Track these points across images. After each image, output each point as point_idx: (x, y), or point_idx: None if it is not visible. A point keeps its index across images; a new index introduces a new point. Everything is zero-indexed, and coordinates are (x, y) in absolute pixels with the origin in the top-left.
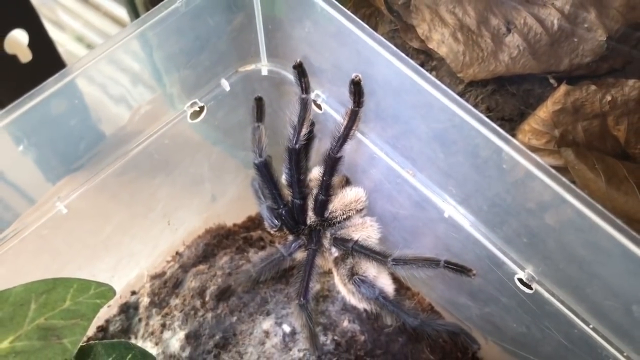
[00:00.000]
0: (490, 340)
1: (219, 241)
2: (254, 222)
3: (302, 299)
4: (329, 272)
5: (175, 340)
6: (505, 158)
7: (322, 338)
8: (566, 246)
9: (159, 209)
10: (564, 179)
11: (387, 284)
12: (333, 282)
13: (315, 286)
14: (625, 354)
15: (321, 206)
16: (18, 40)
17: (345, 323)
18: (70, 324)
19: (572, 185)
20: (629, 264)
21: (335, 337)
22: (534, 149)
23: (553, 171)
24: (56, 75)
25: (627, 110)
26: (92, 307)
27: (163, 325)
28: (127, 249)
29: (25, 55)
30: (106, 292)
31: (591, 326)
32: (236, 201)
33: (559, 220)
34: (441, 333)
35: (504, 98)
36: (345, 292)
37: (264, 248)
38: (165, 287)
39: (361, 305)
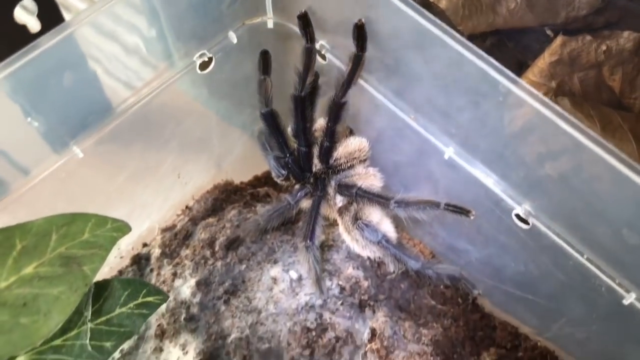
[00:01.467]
0: (490, 284)
1: (227, 196)
2: (260, 181)
3: (308, 241)
4: (334, 224)
5: (186, 287)
6: (502, 91)
7: (327, 283)
8: (560, 177)
9: (170, 161)
10: (558, 107)
11: (389, 230)
12: (338, 232)
13: (320, 236)
14: (617, 281)
15: (326, 153)
16: (27, 10)
17: (350, 270)
18: (90, 254)
19: (566, 114)
20: (619, 187)
21: (340, 283)
22: None
23: (547, 100)
24: (67, 29)
25: (621, 60)
26: (110, 239)
27: (174, 274)
28: (140, 200)
29: (34, 26)
30: (122, 227)
31: (585, 256)
32: (243, 160)
33: (553, 150)
34: (442, 277)
35: (503, 52)
36: (350, 240)
37: (271, 203)
38: (176, 239)
39: (365, 253)
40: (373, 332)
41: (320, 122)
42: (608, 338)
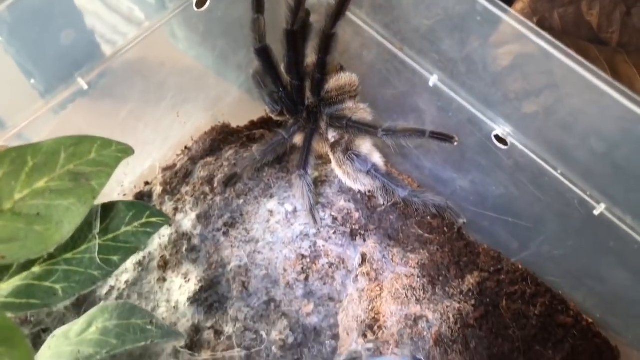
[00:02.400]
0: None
1: (224, 137)
2: (256, 125)
3: (301, 170)
4: (328, 162)
5: (187, 220)
6: (479, 9)
7: (320, 214)
8: (535, 95)
9: (169, 98)
10: (532, 24)
11: (378, 161)
12: (331, 169)
13: (314, 173)
14: (588, 193)
15: (317, 85)
16: None
17: (342, 202)
18: (97, 170)
19: (540, 30)
20: (588, 97)
21: (333, 214)
22: None
23: (523, 19)
24: None
25: None
26: (115, 159)
27: (175, 209)
28: (141, 137)
29: None
30: (127, 149)
31: (559, 171)
32: (239, 103)
33: (525, 65)
34: (429, 206)
35: None
36: (342, 174)
37: None
38: (176, 177)
39: (356, 186)
40: (363, 257)
41: (312, 58)
42: (582, 253)
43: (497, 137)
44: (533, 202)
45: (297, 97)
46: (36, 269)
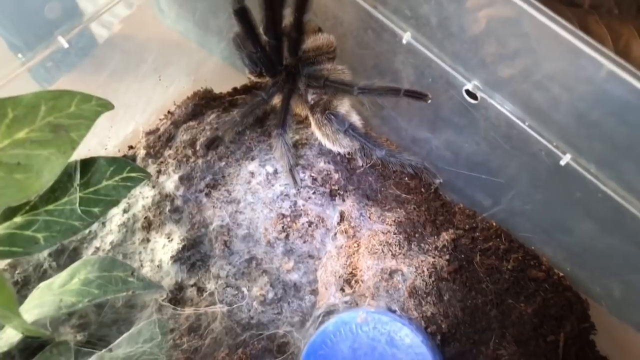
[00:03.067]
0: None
1: (207, 102)
2: (239, 92)
3: (280, 129)
4: (308, 125)
5: (170, 182)
6: None
7: (300, 175)
8: (502, 47)
9: (150, 61)
10: None
11: (356, 121)
12: (311, 132)
13: (295, 136)
14: (554, 144)
15: (295, 45)
16: None
17: (322, 164)
18: (76, 123)
19: None
20: (551, 46)
21: (312, 174)
22: None
23: None
24: None
25: None
26: (94, 112)
27: (159, 171)
28: (123, 100)
29: None
30: (106, 103)
31: (527, 123)
32: (222, 70)
33: (496, 25)
34: (406, 166)
35: None
36: (321, 136)
37: None
38: (160, 141)
39: (335, 148)
40: (342, 216)
41: (289, 20)
42: (551, 206)
43: (468, 92)
44: (504, 157)
45: (275, 57)
46: (18, 219)
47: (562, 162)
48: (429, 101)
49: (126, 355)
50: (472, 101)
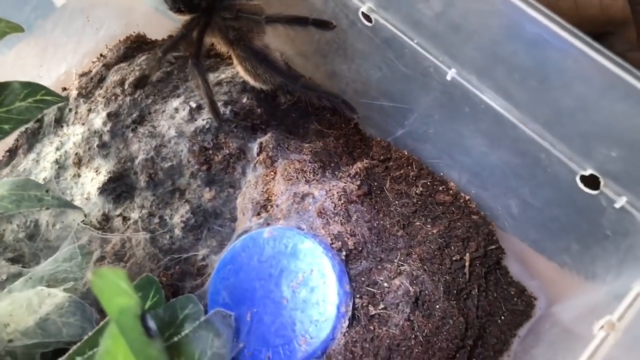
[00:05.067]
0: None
1: (138, 46)
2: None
3: (194, 59)
4: (232, 63)
5: (99, 119)
6: None
7: (223, 110)
8: None
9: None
10: None
11: (277, 57)
12: (237, 71)
13: (220, 75)
14: (440, 59)
15: None
16: None
17: (245, 100)
18: None
19: None
20: None
21: (235, 109)
22: None
23: None
24: None
25: None
26: (2, 33)
27: (89, 110)
28: (51, 38)
29: None
30: (16, 26)
31: (415, 41)
32: (157, 17)
33: None
34: (323, 100)
35: None
36: (243, 71)
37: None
38: (92, 82)
39: (257, 84)
40: (261, 146)
41: None
42: (447, 125)
43: (364, 15)
44: (402, 80)
45: None
46: None
47: (449, 77)
48: (334, 28)
49: (47, 274)
50: (368, 24)
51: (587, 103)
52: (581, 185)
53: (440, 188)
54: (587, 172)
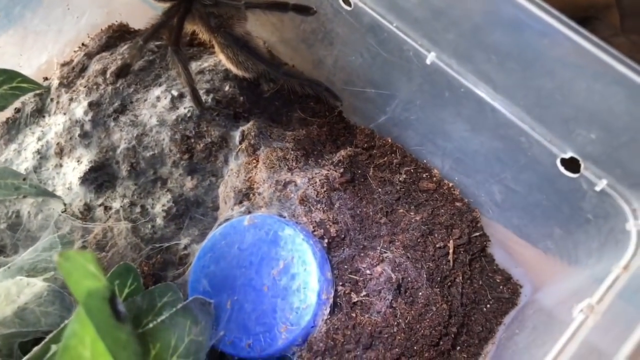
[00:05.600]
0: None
1: (120, 35)
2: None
3: (174, 45)
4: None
5: (80, 108)
6: None
7: (205, 98)
8: None
9: None
10: None
11: (257, 43)
12: (219, 60)
13: (203, 64)
14: (419, 43)
15: None
16: None
17: (227, 88)
18: None
19: None
20: None
21: (217, 97)
22: None
23: None
24: None
25: None
26: None
27: (70, 100)
28: (30, 26)
29: None
30: None
31: (394, 24)
32: (137, 3)
33: None
34: (306, 88)
35: None
36: (225, 59)
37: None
38: (73, 71)
39: (239, 72)
40: (243, 134)
41: None
42: (428, 111)
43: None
44: (383, 65)
45: None
46: None
47: (428, 61)
48: (314, 14)
49: (26, 264)
50: (347, 8)
51: (566, 86)
52: (562, 169)
53: (424, 175)
54: (568, 155)
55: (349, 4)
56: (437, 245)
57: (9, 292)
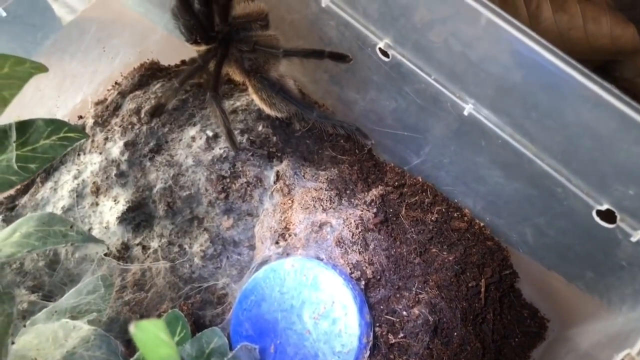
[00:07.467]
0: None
1: (153, 73)
2: (187, 64)
3: (213, 92)
4: (247, 91)
5: (116, 148)
6: None
7: (239, 138)
8: (408, 9)
9: (92, 31)
10: None
11: (291, 85)
12: (251, 99)
13: (235, 103)
14: (457, 95)
15: (224, 10)
16: None
17: (260, 128)
18: (8, 83)
19: None
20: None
21: (251, 138)
22: None
23: None
24: None
25: None
26: (27, 74)
27: (106, 139)
28: (69, 69)
29: None
30: (40, 66)
31: (432, 77)
32: (168, 42)
33: None
34: (337, 128)
35: None
36: (258, 100)
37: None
38: (107, 110)
39: (273, 112)
40: (278, 175)
41: None
42: (463, 156)
43: (381, 51)
44: (417, 111)
45: (206, 24)
46: None
47: (465, 112)
48: (350, 62)
49: (70, 306)
50: (385, 59)
51: (603, 143)
52: (597, 219)
53: (455, 215)
54: (604, 207)
55: (387, 56)
56: (470, 285)
57: (56, 335)
